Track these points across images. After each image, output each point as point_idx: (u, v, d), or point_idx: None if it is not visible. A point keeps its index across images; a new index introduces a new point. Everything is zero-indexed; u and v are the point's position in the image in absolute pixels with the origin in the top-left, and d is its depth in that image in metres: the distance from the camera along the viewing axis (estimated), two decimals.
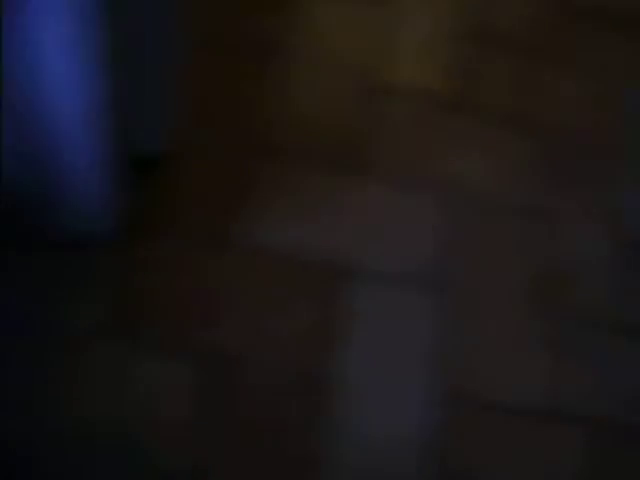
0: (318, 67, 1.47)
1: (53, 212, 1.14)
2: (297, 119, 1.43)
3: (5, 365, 1.14)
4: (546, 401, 1.32)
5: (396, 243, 1.35)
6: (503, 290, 1.37)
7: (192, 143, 1.34)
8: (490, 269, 1.38)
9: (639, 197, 1.51)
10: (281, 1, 1.51)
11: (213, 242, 1.29)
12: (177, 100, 1.32)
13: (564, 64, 1.63)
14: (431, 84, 1.51)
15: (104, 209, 1.15)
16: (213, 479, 1.13)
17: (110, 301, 1.21)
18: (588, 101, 1.59)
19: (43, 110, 0.95)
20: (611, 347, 1.37)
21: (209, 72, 1.41)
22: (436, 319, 1.32)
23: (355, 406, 1.23)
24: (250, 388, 1.21)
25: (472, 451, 1.26)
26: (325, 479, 1.16)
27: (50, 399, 1.12)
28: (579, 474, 1.27)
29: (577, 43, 1.65)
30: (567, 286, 1.40)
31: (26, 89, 0.92)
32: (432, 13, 1.60)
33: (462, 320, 1.33)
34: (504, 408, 1.30)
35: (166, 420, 1.16)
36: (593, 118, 1.57)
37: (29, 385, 1.13)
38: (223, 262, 1.29)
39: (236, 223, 1.31)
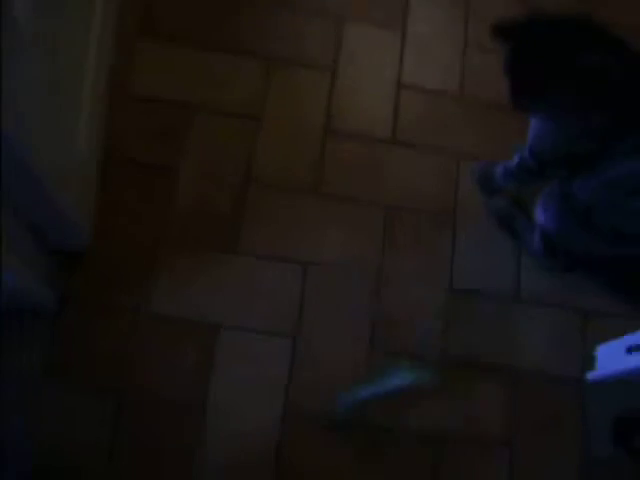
0: (204, 168, 1.92)
1: None
2: (182, 214, 1.87)
3: None
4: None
5: (260, 305, 1.81)
6: (348, 335, 1.81)
7: (105, 239, 1.80)
8: (339, 320, 1.81)
9: (464, 257, 1.93)
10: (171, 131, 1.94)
11: (121, 310, 1.76)
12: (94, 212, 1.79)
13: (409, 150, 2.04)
14: (293, 173, 1.94)
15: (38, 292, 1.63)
16: None
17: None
18: (429, 177, 2.00)
19: None
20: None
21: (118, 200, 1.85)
22: (291, 359, 1.77)
23: (222, 424, 1.70)
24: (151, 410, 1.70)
25: (306, 456, 1.70)
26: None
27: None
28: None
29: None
30: (403, 331, 1.83)
31: None
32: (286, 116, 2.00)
33: (315, 357, 1.78)
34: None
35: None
36: (432, 193, 1.98)
37: None
38: (130, 324, 1.75)
39: (140, 296, 1.78)
